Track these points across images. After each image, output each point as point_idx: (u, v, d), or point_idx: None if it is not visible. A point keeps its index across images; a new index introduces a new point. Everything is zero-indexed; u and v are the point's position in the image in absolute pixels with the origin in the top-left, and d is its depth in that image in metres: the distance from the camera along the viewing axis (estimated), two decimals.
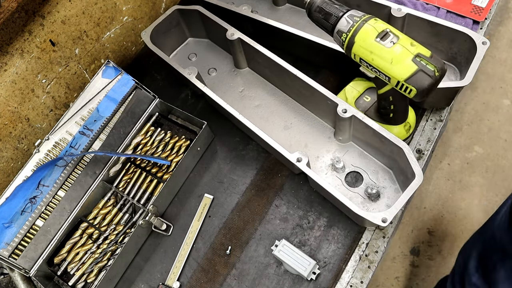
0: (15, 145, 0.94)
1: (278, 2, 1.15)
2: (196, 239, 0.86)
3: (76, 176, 0.88)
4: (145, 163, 0.94)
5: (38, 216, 0.85)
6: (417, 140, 0.87)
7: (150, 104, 0.97)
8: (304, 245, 0.82)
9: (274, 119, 0.96)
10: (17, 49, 0.86)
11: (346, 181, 0.85)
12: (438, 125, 0.89)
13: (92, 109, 0.92)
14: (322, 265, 0.79)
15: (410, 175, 0.73)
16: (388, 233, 0.80)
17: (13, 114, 0.91)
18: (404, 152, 0.73)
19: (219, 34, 1.00)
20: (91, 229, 0.88)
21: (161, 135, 0.97)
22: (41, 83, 0.94)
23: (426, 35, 0.91)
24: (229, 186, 0.91)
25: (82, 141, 0.90)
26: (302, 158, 0.78)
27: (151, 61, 1.14)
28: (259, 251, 0.83)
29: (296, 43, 0.96)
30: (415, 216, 1.66)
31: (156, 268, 0.85)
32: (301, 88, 0.89)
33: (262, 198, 0.88)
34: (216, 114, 1.00)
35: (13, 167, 0.96)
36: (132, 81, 0.94)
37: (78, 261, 0.86)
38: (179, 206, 0.91)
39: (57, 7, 0.91)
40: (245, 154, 0.95)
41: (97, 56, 1.07)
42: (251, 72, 1.05)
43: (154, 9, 1.18)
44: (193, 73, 0.93)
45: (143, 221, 0.83)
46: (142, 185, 0.92)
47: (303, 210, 0.85)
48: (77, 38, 0.99)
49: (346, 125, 0.83)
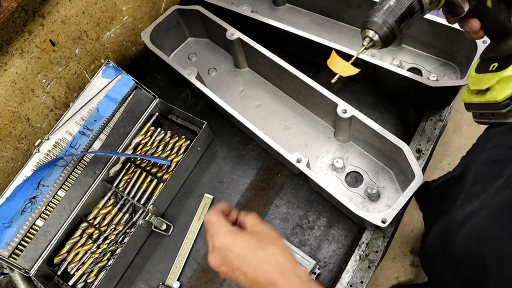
0: (15, 145, 0.94)
1: (278, 2, 1.14)
2: (196, 239, 0.86)
3: (76, 176, 0.88)
4: (145, 163, 0.94)
5: (38, 216, 0.85)
6: (417, 140, 0.87)
7: (150, 104, 0.97)
8: (304, 245, 0.82)
9: (274, 119, 0.96)
10: (17, 49, 0.86)
11: (346, 181, 0.85)
12: (438, 125, 0.89)
13: (92, 109, 0.92)
14: (322, 265, 0.79)
15: (410, 175, 0.73)
16: (388, 233, 0.80)
17: (13, 114, 0.91)
18: (404, 152, 0.73)
19: (219, 34, 1.00)
20: (91, 229, 0.88)
21: (161, 135, 0.97)
22: (41, 83, 0.94)
23: (427, 34, 0.91)
24: (229, 186, 0.91)
25: (82, 141, 0.90)
26: (302, 159, 0.78)
27: (151, 61, 1.14)
28: None
29: (296, 43, 0.95)
30: (415, 216, 1.66)
31: (156, 268, 0.85)
32: (301, 88, 0.89)
33: (262, 198, 0.88)
34: (216, 114, 1.00)
35: (13, 167, 0.96)
36: (132, 81, 0.94)
37: (78, 261, 0.86)
38: (179, 206, 0.91)
39: (57, 7, 0.91)
40: (245, 154, 0.95)
41: (97, 56, 1.07)
42: (251, 72, 1.05)
43: (154, 9, 1.18)
44: (193, 73, 0.93)
45: (143, 221, 0.83)
46: (142, 185, 0.92)
47: (303, 210, 0.85)
48: (77, 38, 0.99)
49: (346, 125, 0.83)
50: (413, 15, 0.53)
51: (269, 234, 0.52)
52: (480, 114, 0.64)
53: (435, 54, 0.95)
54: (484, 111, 0.63)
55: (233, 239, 0.50)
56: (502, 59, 0.59)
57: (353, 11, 1.00)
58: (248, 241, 0.50)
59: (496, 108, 0.59)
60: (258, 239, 0.50)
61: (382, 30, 0.52)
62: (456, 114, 1.85)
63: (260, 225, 0.53)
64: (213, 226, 0.52)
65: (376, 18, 0.52)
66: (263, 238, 0.50)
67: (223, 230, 0.51)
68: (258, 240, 0.50)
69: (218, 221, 0.53)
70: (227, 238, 0.50)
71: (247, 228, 0.53)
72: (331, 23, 1.08)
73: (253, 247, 0.49)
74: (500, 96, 0.57)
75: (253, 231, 0.52)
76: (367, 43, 0.53)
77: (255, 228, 0.52)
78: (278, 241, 0.51)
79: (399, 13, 0.52)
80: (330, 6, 1.05)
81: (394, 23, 0.52)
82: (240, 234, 0.51)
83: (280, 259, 0.48)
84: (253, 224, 0.53)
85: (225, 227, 0.52)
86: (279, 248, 0.49)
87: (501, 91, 0.57)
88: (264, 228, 0.53)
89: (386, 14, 0.52)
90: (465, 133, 1.80)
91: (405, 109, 0.93)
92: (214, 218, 0.53)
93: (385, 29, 0.52)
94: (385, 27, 0.52)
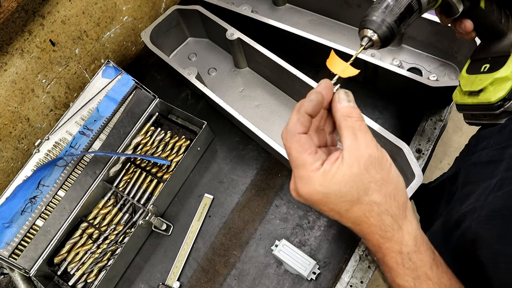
0: (15, 145, 0.94)
1: (278, 2, 1.14)
2: (196, 239, 0.86)
3: (76, 176, 0.88)
4: (145, 163, 0.94)
5: (38, 216, 0.85)
6: (417, 140, 0.87)
7: (150, 104, 0.97)
8: (304, 245, 0.82)
9: (274, 119, 0.96)
10: (17, 49, 0.86)
11: None
12: (438, 125, 0.89)
13: (92, 109, 0.92)
14: (322, 265, 0.79)
15: (410, 175, 0.73)
16: None
17: (13, 114, 0.91)
18: (404, 152, 0.73)
19: (219, 34, 1.00)
20: (91, 229, 0.88)
21: (161, 135, 0.97)
22: (41, 83, 0.94)
23: (427, 34, 0.91)
24: (229, 186, 0.91)
25: (82, 141, 0.90)
26: None
27: (151, 61, 1.14)
28: (259, 251, 0.83)
29: (296, 43, 0.95)
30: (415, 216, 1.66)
31: (156, 268, 0.85)
32: (301, 88, 0.89)
33: (262, 198, 0.88)
34: (216, 114, 1.00)
35: (13, 167, 0.96)
36: (132, 81, 0.94)
37: (78, 261, 0.86)
38: (179, 206, 0.91)
39: (57, 7, 0.91)
40: (245, 154, 0.95)
41: (97, 56, 1.07)
42: (251, 72, 1.05)
43: (154, 9, 1.18)
44: (193, 73, 0.93)
45: (143, 221, 0.83)
46: (142, 185, 0.92)
47: (303, 210, 0.85)
48: (77, 38, 0.99)
49: None
50: (412, 14, 0.53)
51: (371, 173, 0.40)
52: (471, 115, 0.64)
53: (435, 54, 0.95)
54: (476, 112, 0.63)
55: (324, 192, 0.40)
56: (493, 60, 0.59)
57: (353, 11, 1.00)
58: (342, 190, 0.39)
59: (489, 109, 0.59)
60: (356, 185, 0.40)
61: (381, 29, 0.51)
62: (456, 114, 1.85)
63: (357, 151, 0.40)
64: (295, 160, 0.41)
65: (374, 17, 0.51)
66: (363, 180, 0.40)
67: (308, 172, 0.40)
68: (356, 189, 0.40)
69: (302, 151, 0.41)
70: (314, 191, 0.40)
71: (343, 150, 0.41)
72: (331, 23, 1.08)
73: (348, 205, 0.40)
74: (494, 98, 0.57)
75: (351, 164, 0.40)
76: (365, 43, 0.52)
77: (351, 160, 0.40)
78: (385, 183, 0.41)
79: (398, 12, 0.51)
80: (330, 6, 1.05)
81: (393, 22, 0.51)
82: (333, 179, 0.39)
83: (384, 218, 0.40)
84: (350, 146, 0.41)
85: (310, 166, 0.40)
86: (381, 196, 0.40)
87: (495, 92, 0.57)
88: (363, 159, 0.40)
89: (385, 13, 0.51)
90: (465, 133, 1.80)
91: (405, 109, 0.93)
92: (295, 146, 0.41)
93: (384, 28, 0.51)
94: (384, 26, 0.51)
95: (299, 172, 0.41)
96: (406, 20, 0.52)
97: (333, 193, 0.40)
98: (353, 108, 0.43)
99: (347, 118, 0.43)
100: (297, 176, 0.42)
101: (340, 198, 0.40)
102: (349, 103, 0.44)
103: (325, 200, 0.41)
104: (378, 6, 0.52)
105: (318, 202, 0.41)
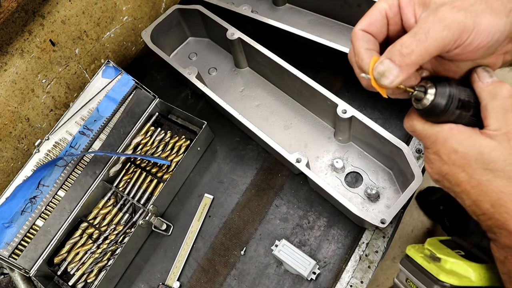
0: (15, 145, 0.94)
1: (278, 2, 1.14)
2: (196, 239, 0.86)
3: (76, 176, 0.88)
4: (145, 163, 0.94)
5: (38, 216, 0.85)
6: (417, 140, 0.87)
7: (150, 104, 0.97)
8: (304, 245, 0.82)
9: (274, 119, 0.96)
10: (17, 49, 0.86)
11: (346, 181, 0.85)
12: None
13: (92, 109, 0.92)
14: (322, 265, 0.79)
15: (409, 176, 0.73)
16: (388, 233, 0.80)
17: (13, 114, 0.91)
18: (403, 153, 0.73)
19: (220, 33, 1.00)
20: (91, 229, 0.88)
21: (161, 135, 0.97)
22: (41, 83, 0.94)
23: None
24: (229, 186, 0.91)
25: (82, 141, 0.90)
26: (302, 159, 0.78)
27: (151, 61, 1.14)
28: (259, 251, 0.83)
29: (296, 43, 0.95)
30: (415, 216, 1.66)
31: (156, 268, 0.86)
32: (301, 88, 0.89)
33: (262, 198, 0.88)
34: (216, 114, 1.00)
35: (13, 167, 0.96)
36: (132, 81, 0.94)
37: (78, 261, 0.86)
38: (179, 206, 0.91)
39: (57, 7, 0.91)
40: (245, 154, 0.95)
41: (97, 56, 1.07)
42: (251, 71, 1.05)
43: (154, 9, 1.18)
44: (193, 73, 0.93)
45: (143, 221, 0.83)
46: (142, 185, 0.92)
47: (303, 210, 0.85)
48: (77, 38, 0.99)
49: (346, 126, 0.83)
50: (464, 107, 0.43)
51: None
52: (406, 279, 0.57)
53: None
54: (414, 277, 0.55)
55: (468, 177, 0.35)
56: (467, 251, 0.54)
57: (353, 11, 1.00)
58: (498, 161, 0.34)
59: (429, 280, 0.52)
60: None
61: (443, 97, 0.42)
62: None
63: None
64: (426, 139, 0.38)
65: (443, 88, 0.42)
66: None
67: (449, 145, 0.36)
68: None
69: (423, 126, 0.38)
70: (455, 176, 0.36)
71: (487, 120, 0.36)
72: (331, 23, 1.08)
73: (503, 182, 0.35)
74: (447, 279, 0.50)
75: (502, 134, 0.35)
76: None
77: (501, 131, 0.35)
78: None
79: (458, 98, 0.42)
80: (330, 6, 1.05)
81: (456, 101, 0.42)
82: (497, 148, 0.35)
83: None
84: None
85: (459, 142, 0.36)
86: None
87: (450, 277, 0.50)
88: None
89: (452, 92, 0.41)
90: None
91: (405, 109, 0.93)
92: (418, 127, 0.39)
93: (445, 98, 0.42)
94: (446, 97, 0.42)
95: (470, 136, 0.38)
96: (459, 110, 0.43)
97: (492, 159, 0.35)
98: (501, 84, 0.37)
99: (495, 96, 0.37)
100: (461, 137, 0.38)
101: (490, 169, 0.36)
102: (492, 78, 0.38)
103: (477, 165, 0.36)
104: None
105: (470, 162, 0.36)
